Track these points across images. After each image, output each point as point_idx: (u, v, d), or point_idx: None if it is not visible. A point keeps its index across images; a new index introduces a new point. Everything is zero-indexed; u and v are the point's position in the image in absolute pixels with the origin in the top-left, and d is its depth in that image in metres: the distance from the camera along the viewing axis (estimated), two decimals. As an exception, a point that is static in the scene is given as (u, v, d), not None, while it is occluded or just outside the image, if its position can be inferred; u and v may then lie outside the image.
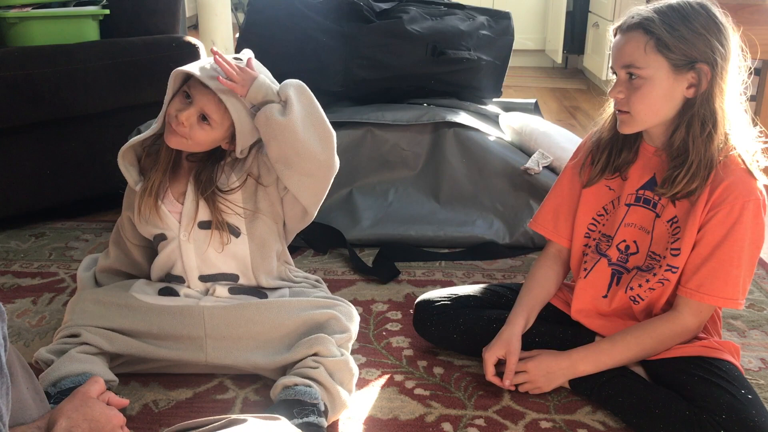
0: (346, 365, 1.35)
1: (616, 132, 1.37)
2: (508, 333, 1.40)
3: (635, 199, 1.38)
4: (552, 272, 1.51)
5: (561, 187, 1.51)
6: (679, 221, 1.32)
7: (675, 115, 1.29)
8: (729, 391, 1.22)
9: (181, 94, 1.40)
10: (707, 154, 1.26)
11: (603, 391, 1.35)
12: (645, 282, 1.36)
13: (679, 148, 1.29)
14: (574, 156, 1.50)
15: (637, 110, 1.28)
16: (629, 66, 1.27)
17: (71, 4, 2.31)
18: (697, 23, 1.23)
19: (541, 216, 1.54)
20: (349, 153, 2.14)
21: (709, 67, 1.23)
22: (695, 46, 1.23)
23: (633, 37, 1.26)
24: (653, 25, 1.24)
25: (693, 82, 1.25)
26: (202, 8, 3.60)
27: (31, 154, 2.15)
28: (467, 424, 1.33)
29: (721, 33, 1.24)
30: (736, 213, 1.25)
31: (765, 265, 2.00)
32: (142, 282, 1.51)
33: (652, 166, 1.36)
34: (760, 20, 2.19)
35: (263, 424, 1.00)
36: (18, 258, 2.02)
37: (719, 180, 1.26)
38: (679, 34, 1.23)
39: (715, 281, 1.28)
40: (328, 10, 2.29)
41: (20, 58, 2.06)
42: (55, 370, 1.31)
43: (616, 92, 1.30)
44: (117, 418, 0.99)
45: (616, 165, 1.40)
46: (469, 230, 2.06)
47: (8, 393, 0.81)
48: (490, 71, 2.44)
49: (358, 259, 1.96)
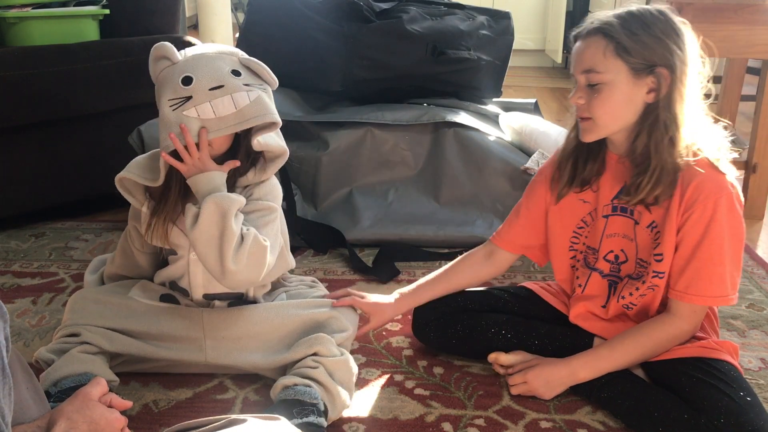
0: (345, 365, 1.35)
1: (579, 142, 1.37)
2: (390, 301, 1.52)
3: (612, 209, 1.38)
4: (472, 269, 1.54)
5: (526, 203, 1.51)
6: (658, 226, 1.32)
7: (636, 120, 1.29)
8: (727, 394, 1.22)
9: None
10: (670, 159, 1.26)
11: (602, 392, 1.35)
12: (635, 290, 1.36)
13: (642, 154, 1.29)
14: (541, 173, 1.49)
15: (598, 115, 1.28)
16: (589, 71, 1.27)
17: (71, 4, 2.31)
18: (656, 28, 1.24)
19: (506, 232, 1.54)
20: (349, 153, 2.14)
21: (668, 71, 1.24)
22: (654, 50, 1.24)
23: (593, 42, 1.27)
24: (613, 29, 1.24)
25: (653, 86, 1.26)
26: (202, 8, 3.60)
27: (31, 154, 2.15)
28: (467, 424, 1.33)
29: (679, 38, 1.25)
30: (709, 211, 1.25)
31: (765, 265, 2.00)
32: (143, 284, 1.50)
33: (621, 174, 1.36)
34: (760, 20, 2.19)
35: (263, 424, 1.00)
36: (18, 258, 2.02)
37: (688, 181, 1.26)
38: (639, 38, 1.23)
39: (701, 281, 1.28)
40: (328, 10, 2.30)
41: (20, 58, 2.06)
42: (55, 369, 1.30)
43: (577, 98, 1.30)
44: (118, 421, 0.99)
45: (583, 178, 1.40)
46: (469, 230, 2.06)
47: (11, 393, 0.81)
48: (490, 71, 2.44)
49: (358, 259, 1.96)
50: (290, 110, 2.21)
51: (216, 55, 1.33)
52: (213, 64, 1.30)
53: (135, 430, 1.29)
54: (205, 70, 1.29)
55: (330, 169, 2.14)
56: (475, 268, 1.55)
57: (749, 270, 1.97)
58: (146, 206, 1.42)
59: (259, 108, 1.30)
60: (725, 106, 3.00)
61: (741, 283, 1.87)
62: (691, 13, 2.21)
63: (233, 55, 1.36)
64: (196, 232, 1.29)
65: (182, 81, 1.28)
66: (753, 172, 2.37)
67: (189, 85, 1.27)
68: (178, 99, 1.28)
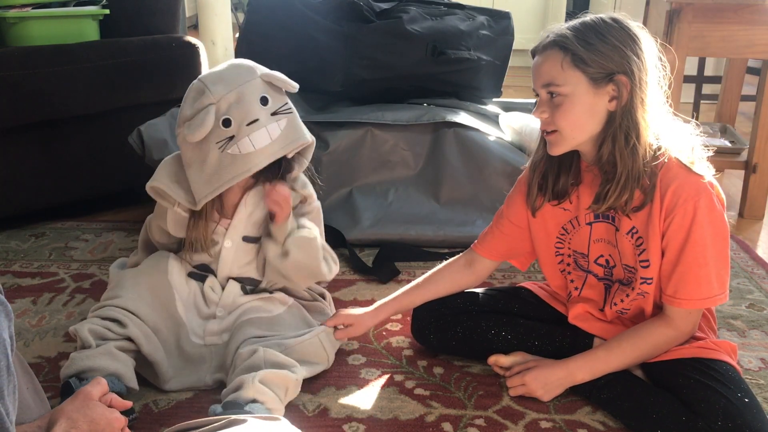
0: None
1: (547, 156, 1.37)
2: (364, 313, 1.50)
3: (594, 216, 1.38)
4: (452, 277, 1.54)
5: (504, 213, 1.51)
6: (639, 232, 1.32)
7: (600, 130, 1.29)
8: (724, 395, 1.21)
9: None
10: (634, 165, 1.26)
11: (602, 393, 1.35)
12: (626, 296, 1.37)
13: (608, 162, 1.29)
14: (517, 186, 1.49)
15: (562, 127, 1.28)
16: (549, 84, 1.27)
17: (71, 4, 2.31)
18: (611, 36, 1.24)
19: (486, 242, 1.54)
20: (349, 153, 2.14)
21: (627, 78, 1.24)
22: (611, 58, 1.24)
23: (549, 56, 1.27)
24: (567, 41, 1.25)
25: (614, 94, 1.26)
26: (202, 8, 3.60)
27: (31, 154, 2.15)
28: (467, 424, 1.33)
29: (636, 44, 1.25)
30: (690, 214, 1.25)
31: (765, 265, 2.00)
32: (175, 264, 1.50)
33: (596, 183, 1.35)
34: (760, 20, 2.19)
35: (264, 424, 1.00)
36: (18, 258, 2.02)
37: (666, 186, 1.26)
38: (594, 47, 1.23)
39: (687, 285, 1.28)
40: (328, 10, 2.29)
41: (20, 58, 2.06)
42: (88, 357, 1.31)
43: (539, 112, 1.30)
44: (118, 421, 0.99)
45: (556, 191, 1.39)
46: (469, 230, 2.06)
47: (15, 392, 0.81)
48: (490, 71, 2.44)
49: (358, 259, 1.96)
50: (290, 110, 2.20)
51: (243, 84, 1.37)
52: (245, 100, 1.36)
53: (135, 430, 1.29)
54: (240, 110, 1.35)
55: (330, 169, 2.14)
56: (455, 276, 1.54)
57: (749, 270, 1.97)
58: (177, 207, 1.46)
59: (291, 134, 1.42)
60: (725, 106, 3.01)
61: (741, 283, 1.88)
62: (691, 13, 2.21)
63: (254, 75, 1.39)
64: (288, 269, 1.46)
65: (222, 123, 1.35)
66: (753, 172, 2.37)
67: (229, 126, 1.35)
68: (222, 140, 1.36)
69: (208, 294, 1.50)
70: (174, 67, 2.30)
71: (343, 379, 1.46)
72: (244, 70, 1.40)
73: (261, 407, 1.25)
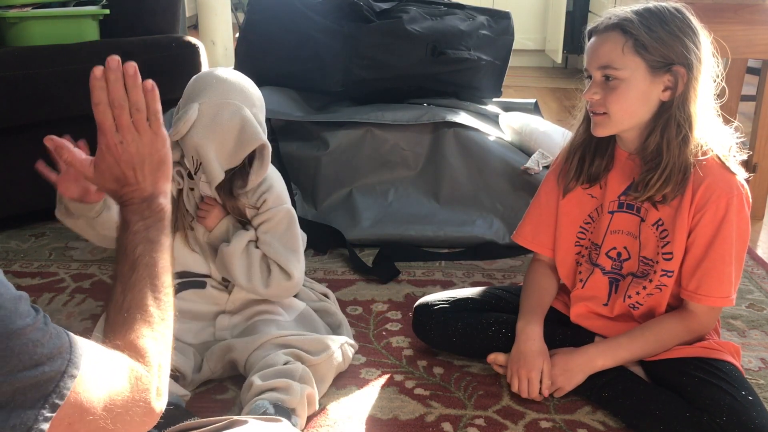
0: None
1: (588, 137, 1.37)
2: (535, 348, 1.39)
3: (618, 206, 1.38)
4: (547, 278, 1.51)
5: (539, 198, 1.51)
6: (665, 224, 1.32)
7: (650, 118, 1.29)
8: (729, 393, 1.22)
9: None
10: (682, 157, 1.26)
11: (603, 392, 1.35)
12: (642, 289, 1.36)
13: (653, 151, 1.29)
14: (552, 166, 1.50)
15: (613, 111, 1.28)
16: (606, 67, 1.27)
17: (71, 4, 2.31)
18: (674, 26, 1.24)
19: (522, 228, 1.54)
20: (349, 153, 2.14)
21: (685, 70, 1.24)
22: (672, 48, 1.23)
23: (610, 38, 1.26)
24: (632, 26, 1.24)
25: (669, 84, 1.26)
26: (202, 8, 3.60)
27: (31, 154, 2.13)
28: (467, 424, 1.33)
29: (696, 37, 1.25)
30: (722, 211, 1.25)
31: (765, 265, 2.00)
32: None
33: (630, 171, 1.36)
34: (760, 20, 2.19)
35: (265, 425, 1.00)
36: (18, 258, 2.02)
37: (699, 181, 1.26)
38: (657, 35, 1.23)
39: (710, 281, 1.28)
40: (328, 10, 2.29)
41: (20, 58, 2.06)
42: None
43: (592, 93, 1.29)
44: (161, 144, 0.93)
45: (590, 173, 1.39)
46: (469, 230, 2.06)
47: None
48: (490, 71, 2.44)
49: (358, 259, 1.96)
50: (290, 110, 2.20)
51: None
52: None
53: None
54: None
55: (330, 169, 2.14)
56: (548, 277, 1.51)
57: (749, 270, 1.97)
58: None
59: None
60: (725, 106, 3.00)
61: (741, 283, 1.88)
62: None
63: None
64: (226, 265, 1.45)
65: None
66: (753, 172, 2.37)
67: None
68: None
69: (212, 294, 1.50)
70: (174, 67, 2.30)
71: (343, 379, 1.46)
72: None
73: (297, 420, 1.26)
